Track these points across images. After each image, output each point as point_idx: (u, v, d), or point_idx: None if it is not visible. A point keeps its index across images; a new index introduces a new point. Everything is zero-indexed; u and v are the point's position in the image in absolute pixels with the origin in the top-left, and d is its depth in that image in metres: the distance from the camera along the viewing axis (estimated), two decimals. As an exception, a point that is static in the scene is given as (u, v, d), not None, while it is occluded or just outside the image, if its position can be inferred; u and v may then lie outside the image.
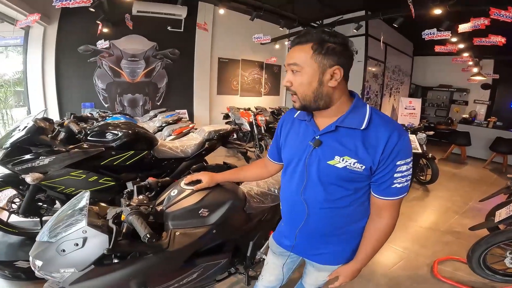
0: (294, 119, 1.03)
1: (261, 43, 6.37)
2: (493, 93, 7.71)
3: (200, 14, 6.21)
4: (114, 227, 1.02)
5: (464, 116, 7.38)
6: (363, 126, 0.84)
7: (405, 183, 0.86)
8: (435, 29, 4.21)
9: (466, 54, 6.29)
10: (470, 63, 6.70)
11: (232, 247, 1.46)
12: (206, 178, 1.30)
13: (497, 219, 2.06)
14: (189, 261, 1.26)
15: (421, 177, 4.34)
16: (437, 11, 3.95)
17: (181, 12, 5.52)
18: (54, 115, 5.11)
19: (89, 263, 1.00)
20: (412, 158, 0.86)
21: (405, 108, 7.60)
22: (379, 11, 5.11)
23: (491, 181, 4.85)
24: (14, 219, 2.21)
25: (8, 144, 1.86)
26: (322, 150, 0.89)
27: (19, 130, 1.93)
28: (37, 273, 1.05)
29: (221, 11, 5.52)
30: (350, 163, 0.85)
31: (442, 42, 4.81)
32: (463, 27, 3.89)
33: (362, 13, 6.02)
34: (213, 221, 1.26)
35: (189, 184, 1.34)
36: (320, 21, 6.69)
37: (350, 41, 0.85)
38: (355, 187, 0.90)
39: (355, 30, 5.82)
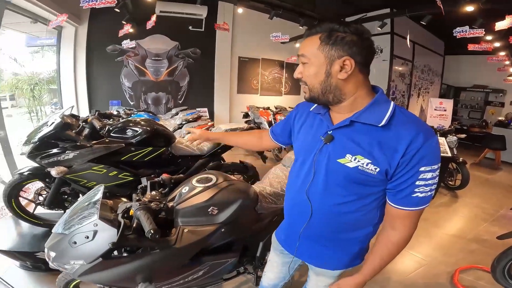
0: (310, 112, 0.98)
1: (281, 42, 6.31)
2: (532, 95, 7.14)
3: (220, 14, 6.28)
4: (122, 221, 1.03)
5: (500, 118, 6.88)
6: (383, 123, 0.75)
7: (429, 193, 0.76)
8: (467, 26, 3.93)
9: (502, 53, 5.84)
10: (507, 62, 6.22)
11: (241, 247, 1.45)
12: (201, 136, 1.37)
13: (528, 229, 1.92)
14: (196, 259, 1.26)
15: (450, 182, 4.09)
16: (469, 8, 3.70)
17: (201, 11, 5.61)
18: (85, 112, 5.39)
19: (97, 256, 1.02)
20: (440, 164, 0.76)
21: (435, 109, 7.22)
22: (404, 8, 4.87)
23: (527, 188, 4.49)
24: (40, 211, 2.32)
25: (36, 138, 1.98)
26: (333, 147, 0.83)
27: (47, 125, 2.05)
28: (50, 264, 1.09)
29: (240, 10, 5.54)
30: (362, 164, 0.77)
31: (476, 40, 4.50)
32: (500, 25, 3.59)
33: (387, 10, 5.77)
34: (222, 219, 1.26)
35: (200, 181, 1.35)
36: (342, 19, 6.43)
37: (366, 31, 0.78)
38: (365, 191, 0.83)
39: (379, 28, 5.62)
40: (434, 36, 7.60)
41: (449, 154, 3.56)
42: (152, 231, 0.95)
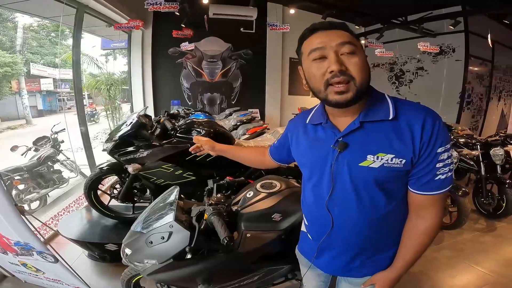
0: (306, 124, 0.92)
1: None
2: None
3: (270, 15, 6.25)
4: (197, 225, 1.07)
5: None
6: (391, 116, 0.74)
7: (449, 174, 0.76)
8: None
9: None
10: None
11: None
12: (207, 142, 1.35)
13: None
14: (255, 263, 1.28)
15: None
16: None
17: (252, 13, 5.62)
18: (150, 112, 5.82)
19: (169, 257, 1.07)
20: (451, 144, 0.78)
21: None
22: (477, 5, 4.31)
23: None
24: (111, 203, 2.45)
25: (117, 137, 2.15)
26: (350, 153, 0.78)
27: (126, 125, 2.20)
28: (123, 260, 1.15)
29: (292, 11, 5.46)
30: (387, 160, 0.74)
31: None
32: None
33: (458, 8, 5.13)
34: (284, 227, 1.25)
35: (264, 187, 1.35)
36: (404, 18, 5.82)
37: None
38: (394, 189, 0.80)
39: (451, 27, 5.06)
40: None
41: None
42: (227, 238, 0.98)
